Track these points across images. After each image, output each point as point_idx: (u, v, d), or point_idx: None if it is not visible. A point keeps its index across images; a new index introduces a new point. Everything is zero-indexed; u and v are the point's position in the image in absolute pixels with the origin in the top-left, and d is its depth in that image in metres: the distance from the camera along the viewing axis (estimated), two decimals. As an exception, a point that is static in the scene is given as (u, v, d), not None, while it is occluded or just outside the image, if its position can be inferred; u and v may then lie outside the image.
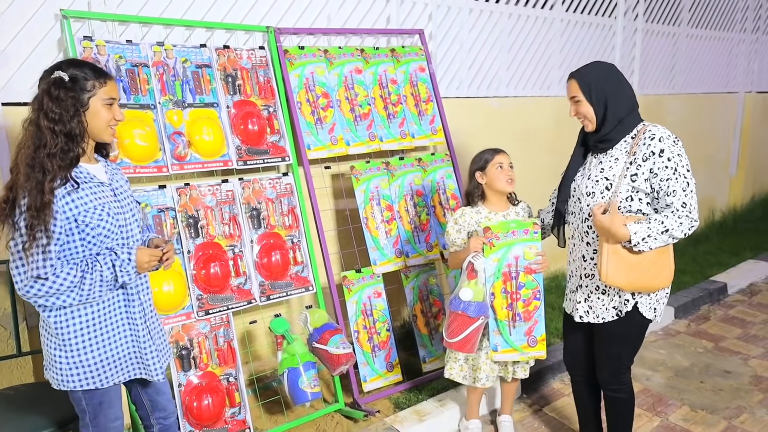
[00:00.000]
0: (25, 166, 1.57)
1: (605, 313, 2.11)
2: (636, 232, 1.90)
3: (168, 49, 2.59)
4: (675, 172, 1.91)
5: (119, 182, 1.84)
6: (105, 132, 1.74)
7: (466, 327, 2.22)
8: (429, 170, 3.29)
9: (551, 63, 4.47)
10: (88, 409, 1.78)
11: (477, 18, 3.92)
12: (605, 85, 2.02)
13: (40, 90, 1.64)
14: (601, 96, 2.02)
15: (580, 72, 2.07)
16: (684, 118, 5.71)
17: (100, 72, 1.71)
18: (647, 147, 1.96)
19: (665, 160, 1.92)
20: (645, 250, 1.93)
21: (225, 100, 2.72)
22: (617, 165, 2.02)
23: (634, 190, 1.98)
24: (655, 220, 1.92)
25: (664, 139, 1.95)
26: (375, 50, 3.25)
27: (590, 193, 2.07)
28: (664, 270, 2.01)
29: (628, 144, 2.03)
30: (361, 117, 3.12)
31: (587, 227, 2.11)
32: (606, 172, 2.04)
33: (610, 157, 2.06)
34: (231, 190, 2.69)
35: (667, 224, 1.91)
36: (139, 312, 1.82)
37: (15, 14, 2.36)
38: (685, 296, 4.25)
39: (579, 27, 4.61)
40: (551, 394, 3.11)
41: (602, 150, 2.09)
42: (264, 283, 2.71)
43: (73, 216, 1.63)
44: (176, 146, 2.55)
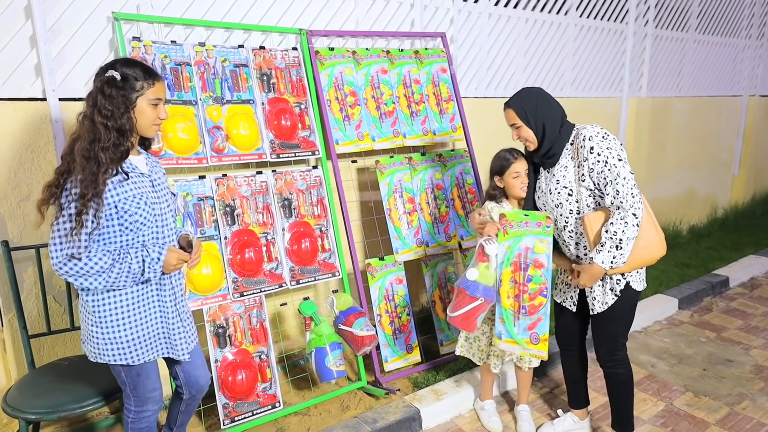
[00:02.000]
0: (81, 157, 1.59)
1: (607, 297, 2.12)
2: (603, 261, 1.97)
3: (209, 49, 2.58)
4: (606, 165, 1.95)
5: (157, 174, 1.84)
6: (150, 129, 1.75)
7: (465, 305, 2.15)
8: (449, 165, 3.25)
9: (565, 65, 4.38)
10: (127, 381, 1.80)
11: (496, 22, 3.85)
12: (538, 108, 2.08)
13: (95, 87, 1.64)
14: (538, 118, 2.07)
15: (513, 101, 2.12)
16: (690, 119, 5.57)
17: (149, 73, 1.70)
18: (583, 148, 2.01)
19: (596, 156, 1.97)
20: (623, 263, 1.97)
21: (260, 97, 2.71)
22: (569, 172, 2.08)
23: (589, 189, 2.03)
24: (606, 239, 1.95)
25: (592, 137, 1.99)
26: (400, 52, 3.21)
27: (558, 204, 2.12)
28: (653, 242, 2.05)
29: (570, 150, 2.08)
30: (386, 114, 3.09)
31: (569, 233, 2.14)
32: (562, 181, 2.09)
33: (559, 167, 2.10)
34: (265, 181, 2.68)
35: (618, 233, 1.93)
36: (170, 296, 1.82)
37: (71, 17, 2.37)
38: (688, 288, 4.16)
39: (592, 32, 4.51)
40: (561, 377, 3.07)
41: (551, 164, 2.12)
42: (294, 268, 2.70)
43: (114, 203, 1.64)
44: (215, 140, 2.55)
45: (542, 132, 2.07)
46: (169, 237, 1.82)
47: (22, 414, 1.89)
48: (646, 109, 5.07)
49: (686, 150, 5.61)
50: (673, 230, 5.40)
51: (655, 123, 5.18)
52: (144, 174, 1.76)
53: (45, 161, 2.36)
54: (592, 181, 2.01)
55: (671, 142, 5.41)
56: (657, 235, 2.05)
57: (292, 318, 3.14)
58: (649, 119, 5.11)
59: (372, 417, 2.49)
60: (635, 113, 5.00)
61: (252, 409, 2.50)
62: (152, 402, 1.85)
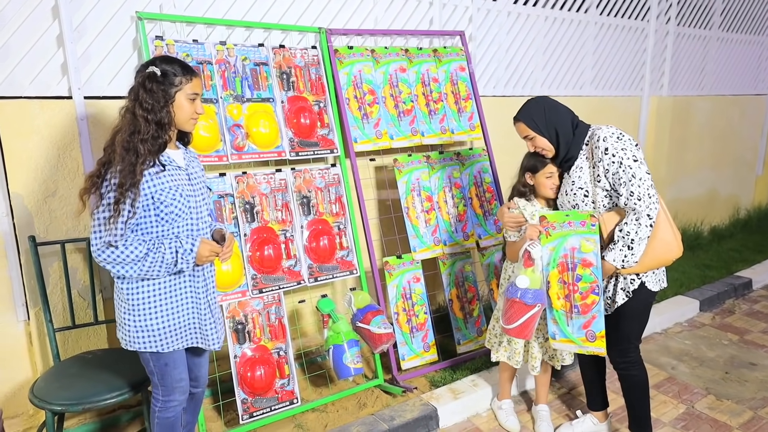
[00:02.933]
0: (121, 148, 1.64)
1: (618, 297, 2.13)
2: (614, 259, 1.99)
3: (229, 48, 2.61)
4: (620, 165, 1.95)
5: (195, 168, 1.89)
6: (188, 123, 1.79)
7: (523, 314, 2.10)
8: (467, 164, 3.23)
9: (584, 64, 4.33)
10: (155, 370, 1.83)
11: (515, 21, 3.82)
12: (547, 115, 2.10)
13: (136, 82, 1.70)
14: (549, 124, 2.10)
15: (521, 114, 2.15)
16: (712, 119, 5.47)
17: (187, 69, 1.76)
18: (597, 149, 2.01)
19: (611, 157, 1.97)
20: (635, 263, 1.98)
21: (280, 96, 2.73)
22: (584, 173, 2.09)
23: (605, 190, 2.04)
24: (619, 238, 1.98)
25: (607, 138, 1.99)
26: (418, 50, 3.20)
27: (575, 205, 2.13)
28: (670, 243, 2.04)
29: (585, 151, 2.09)
30: (405, 113, 3.08)
31: None
32: (578, 182, 2.10)
33: (575, 168, 2.11)
34: (284, 179, 2.70)
35: (631, 233, 1.95)
36: (202, 287, 1.86)
37: (96, 17, 2.41)
38: (710, 290, 4.09)
39: (612, 30, 4.46)
40: (580, 378, 3.04)
41: (569, 167, 2.14)
42: (312, 265, 2.72)
43: (151, 194, 1.69)
44: (235, 137, 2.57)
45: (556, 137, 2.10)
46: (204, 230, 1.85)
47: (48, 405, 1.93)
48: (667, 108, 4.99)
49: (708, 150, 5.51)
50: (694, 231, 5.31)
51: (677, 122, 5.10)
52: (181, 167, 1.80)
53: (71, 158, 2.40)
54: (608, 182, 2.01)
55: (693, 141, 5.32)
56: (673, 236, 2.04)
57: (310, 315, 3.15)
58: (670, 118, 5.03)
59: (389, 415, 2.49)
60: (656, 112, 4.92)
61: (270, 405, 2.52)
62: (179, 392, 1.89)
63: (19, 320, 2.41)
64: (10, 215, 2.33)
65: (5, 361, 2.41)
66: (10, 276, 2.37)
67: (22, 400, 2.46)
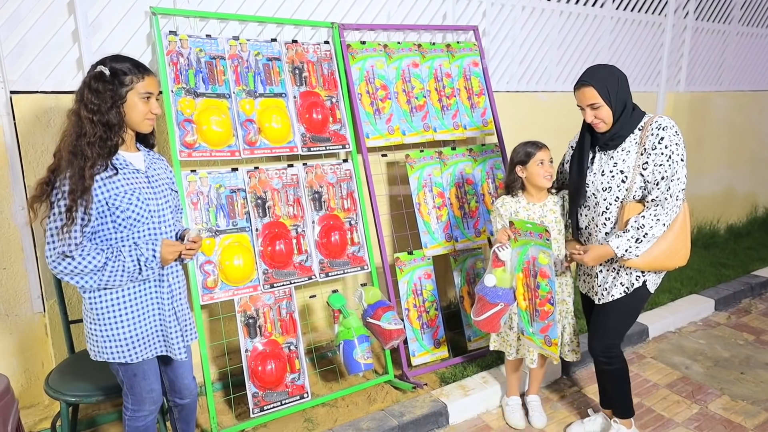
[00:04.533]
0: (68, 153, 1.59)
1: (615, 290, 2.12)
2: (618, 246, 1.97)
3: (242, 43, 2.61)
4: (669, 159, 1.92)
5: (157, 171, 1.82)
6: (142, 123, 1.72)
7: (487, 310, 2.22)
8: (479, 160, 3.21)
9: (599, 59, 4.27)
10: (124, 380, 1.80)
11: (529, 15, 3.78)
12: (620, 86, 1.99)
13: (82, 82, 1.64)
14: (620, 97, 1.99)
15: (594, 79, 1.98)
16: (730, 115, 5.37)
17: (139, 67, 1.68)
18: (654, 137, 1.95)
19: (664, 148, 1.93)
20: (636, 257, 1.97)
21: (292, 91, 2.73)
22: (629, 157, 2.01)
23: (645, 180, 1.98)
24: (632, 228, 1.95)
25: (667, 128, 1.95)
26: (431, 45, 3.18)
27: (606, 188, 2.05)
28: (681, 251, 2.03)
29: (637, 136, 2.01)
30: (417, 108, 3.06)
31: (605, 219, 2.09)
32: (620, 165, 2.02)
33: (621, 151, 2.03)
34: (296, 174, 2.70)
35: (646, 227, 1.93)
36: (167, 294, 1.80)
37: (111, 12, 2.42)
38: (726, 289, 4.02)
39: (628, 24, 4.39)
40: (591, 376, 3.00)
41: (612, 147, 2.05)
42: (323, 261, 2.72)
43: (105, 199, 1.63)
44: (248, 132, 2.57)
45: (621, 112, 2.00)
46: (167, 234, 1.79)
47: (63, 396, 1.95)
48: (684, 105, 4.91)
49: (726, 147, 5.41)
50: (710, 229, 5.23)
51: (693, 118, 5.01)
52: (139, 170, 1.74)
53: (85, 153, 2.42)
54: (651, 172, 1.96)
55: (710, 138, 5.23)
56: (685, 245, 2.03)
57: (321, 310, 3.16)
58: (686, 115, 4.94)
59: (399, 410, 2.49)
60: (672, 108, 4.84)
61: (281, 399, 2.53)
62: (149, 402, 1.84)
63: (34, 312, 2.45)
64: (26, 208, 2.36)
65: (22, 352, 2.44)
66: (27, 269, 2.40)
67: (38, 391, 2.49)
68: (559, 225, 2.32)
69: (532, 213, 2.31)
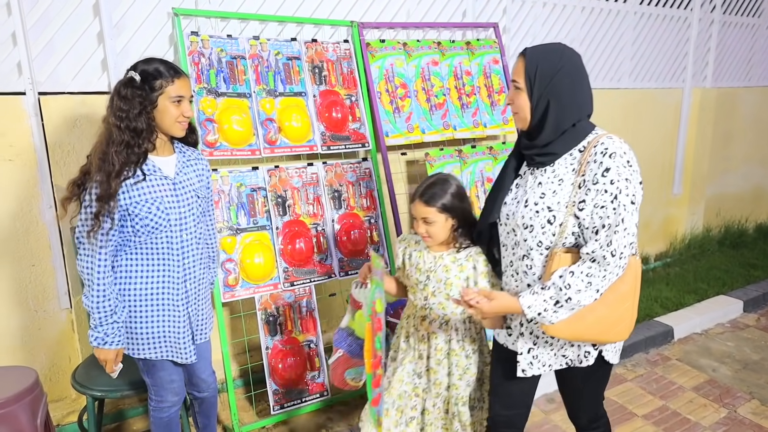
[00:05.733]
0: (97, 158, 1.62)
1: (553, 359, 1.58)
2: (530, 305, 1.42)
3: (263, 43, 2.63)
4: (615, 200, 1.35)
5: (187, 175, 1.80)
6: (173, 127, 1.70)
7: (333, 354, 1.94)
8: (499, 158, 3.18)
9: (622, 55, 4.20)
10: (145, 371, 1.85)
11: (550, 11, 3.73)
12: (555, 79, 1.42)
13: (113, 89, 1.66)
14: (543, 91, 1.43)
15: (534, 51, 1.46)
16: (759, 111, 5.23)
17: (170, 71, 1.67)
18: (596, 165, 1.39)
19: (608, 183, 1.36)
20: (550, 323, 1.43)
21: (312, 90, 2.74)
22: (562, 189, 1.44)
23: (581, 225, 1.42)
24: (553, 286, 1.40)
25: (616, 156, 1.37)
26: (451, 43, 3.16)
27: (529, 226, 1.48)
28: (624, 321, 1.47)
29: (576, 160, 1.45)
30: (437, 107, 3.05)
31: (526, 266, 1.51)
32: (548, 198, 1.45)
33: (553, 176, 1.47)
34: (315, 173, 2.71)
35: (572, 288, 1.38)
36: (183, 300, 1.80)
37: (134, 14, 2.46)
38: (755, 290, 3.91)
39: (653, 19, 4.30)
40: (613, 378, 2.96)
41: (541, 164, 1.49)
42: (343, 259, 2.72)
43: (126, 206, 1.65)
44: (268, 131, 2.59)
45: (542, 113, 1.44)
46: (190, 242, 1.78)
47: (89, 390, 1.99)
48: (711, 101, 4.79)
49: (754, 144, 5.27)
50: (738, 228, 5.10)
51: (721, 115, 4.89)
52: (167, 177, 1.73)
53: (110, 152, 2.46)
54: (589, 214, 1.40)
55: (738, 135, 5.10)
56: (631, 314, 1.48)
57: (341, 309, 3.16)
58: (713, 111, 4.82)
59: (418, 409, 2.48)
60: (698, 105, 4.73)
61: (301, 397, 2.55)
62: (171, 393, 1.88)
63: (62, 308, 2.50)
64: (54, 207, 2.41)
65: (50, 347, 2.50)
66: (54, 266, 2.46)
67: (65, 385, 2.55)
68: (463, 285, 1.72)
69: (422, 263, 1.78)
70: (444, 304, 1.75)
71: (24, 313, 2.42)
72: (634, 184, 1.38)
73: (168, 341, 1.82)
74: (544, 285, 1.42)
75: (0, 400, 1.68)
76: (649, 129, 4.45)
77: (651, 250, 4.72)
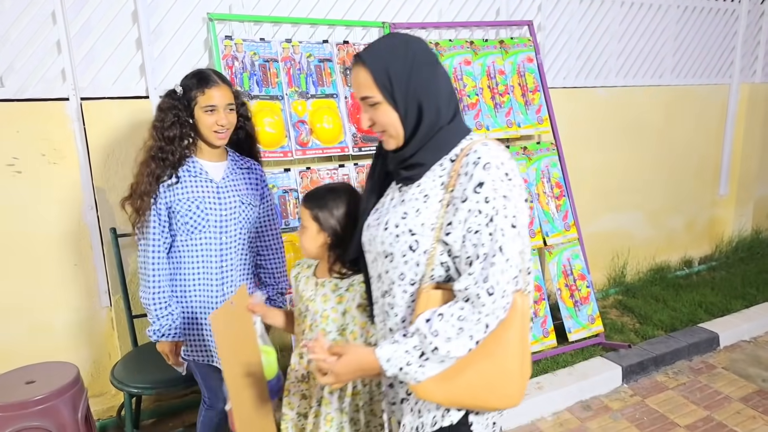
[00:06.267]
0: (141, 163, 1.77)
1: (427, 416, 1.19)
2: (389, 358, 1.08)
3: (295, 45, 2.65)
4: (490, 223, 1.05)
5: (235, 182, 1.84)
6: (210, 136, 1.76)
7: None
8: (534, 159, 3.11)
9: (665, 51, 4.05)
10: (197, 373, 1.90)
11: (588, 7, 3.63)
12: (414, 74, 1.13)
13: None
14: (408, 93, 1.13)
15: (372, 53, 1.16)
16: (814, 108, 4.94)
17: (201, 81, 1.74)
18: (467, 178, 1.08)
19: (481, 201, 1.06)
20: (415, 382, 1.09)
21: (343, 92, 2.74)
22: (428, 208, 1.13)
23: (450, 253, 1.12)
24: (418, 333, 1.07)
25: (491, 166, 1.07)
26: (484, 42, 3.12)
27: (389, 255, 1.17)
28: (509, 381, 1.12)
29: (446, 171, 1.14)
30: (469, 107, 3.01)
31: (388, 304, 1.20)
32: (410, 219, 1.14)
33: (418, 192, 1.16)
34: (347, 174, 2.72)
35: (439, 337, 1.05)
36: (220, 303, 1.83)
37: (171, 20, 2.53)
38: (808, 296, 3.71)
39: (698, 12, 4.13)
40: (654, 385, 2.85)
41: (408, 180, 1.19)
42: (374, 260, 2.72)
43: (167, 204, 1.75)
44: (300, 133, 2.61)
45: (416, 119, 1.14)
46: (227, 244, 1.81)
47: (126, 387, 2.05)
48: (761, 97, 4.56)
49: (809, 141, 4.99)
50: (790, 231, 4.84)
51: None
52: (212, 180, 1.79)
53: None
54: (459, 240, 1.09)
55: (790, 132, 4.84)
56: (520, 370, 1.12)
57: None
58: (763, 108, 4.59)
59: (449, 413, 2.45)
60: (747, 101, 4.51)
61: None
62: (223, 401, 1.88)
63: (102, 306, 2.59)
64: (95, 209, 2.50)
65: (91, 343, 2.59)
66: (95, 265, 2.54)
67: (105, 381, 2.63)
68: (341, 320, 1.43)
69: (306, 289, 1.51)
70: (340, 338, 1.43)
71: (67, 310, 2.51)
72: (515, 203, 1.08)
73: (206, 345, 1.85)
74: (407, 331, 1.09)
75: (43, 395, 1.75)
76: (692, 127, 4.28)
77: (695, 252, 4.53)
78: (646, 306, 3.61)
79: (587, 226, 3.64)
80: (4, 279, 2.36)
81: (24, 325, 2.42)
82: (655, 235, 4.25)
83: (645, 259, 4.18)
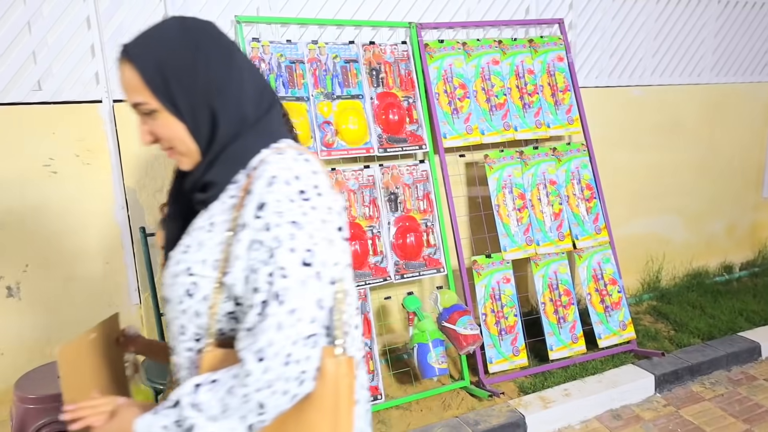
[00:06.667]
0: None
1: None
2: (148, 427, 0.85)
3: (321, 47, 2.66)
4: (270, 260, 0.81)
5: None
6: None
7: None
8: (564, 160, 3.04)
9: (704, 48, 3.90)
10: None
11: (621, 4, 3.53)
12: (200, 67, 0.87)
13: None
14: (195, 94, 0.87)
15: (140, 45, 0.88)
16: None
17: None
18: (253, 198, 0.85)
19: (261, 230, 0.83)
20: None
21: (369, 92, 2.74)
22: (212, 239, 0.88)
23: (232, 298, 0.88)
24: (179, 406, 0.83)
25: (277, 182, 0.83)
26: (513, 41, 3.06)
27: (169, 300, 0.93)
28: None
29: (237, 190, 0.89)
30: (497, 107, 2.96)
31: (173, 362, 0.98)
32: (191, 255, 0.89)
33: (205, 220, 0.91)
34: (372, 176, 2.71)
35: (206, 410, 0.81)
36: None
37: (199, 22, 2.57)
38: None
39: (740, 7, 3.97)
40: (689, 396, 2.75)
41: (203, 204, 0.92)
42: (399, 262, 2.70)
43: None
44: (325, 134, 2.62)
45: (210, 127, 0.89)
46: None
47: (153, 383, 2.09)
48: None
49: None
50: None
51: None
52: None
53: (177, 156, 2.59)
54: (239, 281, 0.86)
55: (840, 132, 4.59)
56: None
57: (396, 312, 3.14)
58: (811, 106, 4.38)
59: (474, 418, 2.41)
60: (793, 100, 4.31)
61: (354, 399, 2.54)
62: None
63: (132, 304, 2.65)
64: (126, 208, 2.56)
65: (121, 340, 2.65)
66: (126, 263, 2.61)
67: (134, 377, 2.70)
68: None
69: None
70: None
71: (99, 307, 2.58)
72: (311, 231, 0.82)
73: None
74: (172, 400, 0.85)
75: (72, 389, 1.79)
76: (733, 127, 4.11)
77: (736, 258, 4.35)
78: (682, 313, 3.48)
79: (620, 230, 3.54)
80: (38, 275, 2.44)
81: (56, 321, 2.50)
82: (693, 239, 4.10)
83: (681, 264, 4.04)
